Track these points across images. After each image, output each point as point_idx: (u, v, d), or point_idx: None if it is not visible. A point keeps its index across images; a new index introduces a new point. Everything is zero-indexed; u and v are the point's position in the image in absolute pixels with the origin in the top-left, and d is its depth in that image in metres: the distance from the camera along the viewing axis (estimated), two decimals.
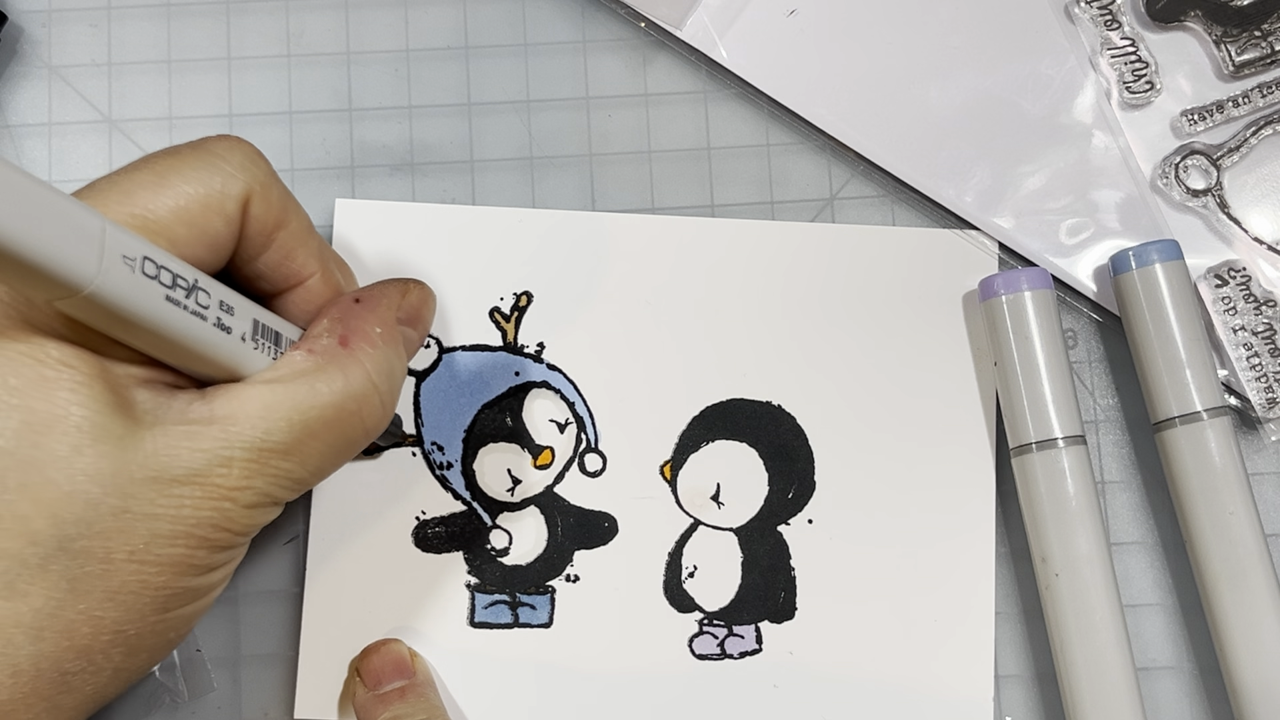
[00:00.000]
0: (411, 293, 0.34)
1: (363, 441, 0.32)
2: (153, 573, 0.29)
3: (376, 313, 0.33)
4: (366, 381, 0.31)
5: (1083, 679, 0.39)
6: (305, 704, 0.41)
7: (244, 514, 0.30)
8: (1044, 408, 0.40)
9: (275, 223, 0.32)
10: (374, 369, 0.31)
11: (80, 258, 0.26)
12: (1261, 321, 0.42)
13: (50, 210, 0.26)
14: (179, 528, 0.29)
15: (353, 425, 0.31)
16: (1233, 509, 0.39)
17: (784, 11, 0.43)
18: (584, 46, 0.44)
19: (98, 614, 0.29)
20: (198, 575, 0.30)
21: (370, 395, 0.31)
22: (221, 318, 0.30)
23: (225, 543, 0.30)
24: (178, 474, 0.29)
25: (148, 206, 0.30)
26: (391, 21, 0.44)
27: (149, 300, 0.28)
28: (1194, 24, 0.43)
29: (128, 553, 0.29)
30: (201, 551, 0.30)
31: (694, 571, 0.42)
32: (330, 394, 0.31)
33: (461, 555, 0.42)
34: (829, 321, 0.43)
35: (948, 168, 0.43)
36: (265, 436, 0.30)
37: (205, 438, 0.29)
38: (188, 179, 0.31)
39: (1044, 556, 0.40)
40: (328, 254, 0.34)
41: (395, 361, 0.32)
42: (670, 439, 0.42)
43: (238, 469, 0.29)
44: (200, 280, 0.30)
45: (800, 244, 0.43)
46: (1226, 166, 0.43)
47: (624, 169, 0.44)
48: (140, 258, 0.28)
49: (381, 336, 0.32)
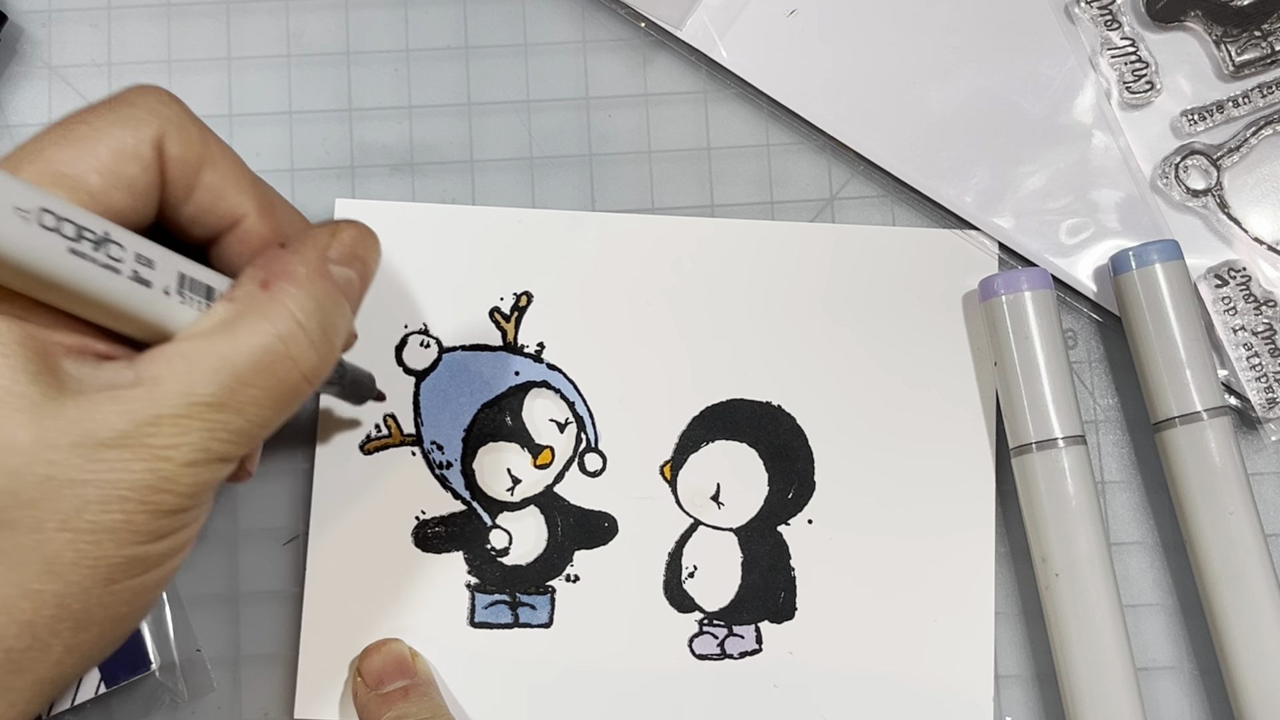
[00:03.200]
0: (344, 231, 0.33)
1: (303, 386, 0.31)
2: (89, 542, 0.28)
3: (301, 254, 0.31)
4: (290, 321, 0.30)
5: (1083, 679, 0.39)
6: (305, 704, 0.41)
7: (184, 473, 0.29)
8: (1044, 408, 0.40)
9: (196, 161, 0.32)
10: (297, 308, 0.30)
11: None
12: (1261, 321, 0.42)
13: None
14: (111, 493, 0.28)
15: (285, 369, 0.30)
16: (1233, 509, 0.39)
17: (784, 11, 0.43)
18: (584, 46, 0.44)
19: (35, 588, 0.28)
20: (143, 543, 0.29)
21: (296, 334, 0.30)
22: (139, 270, 0.29)
23: (169, 505, 0.29)
24: (104, 438, 0.28)
25: (59, 161, 0.30)
26: (391, 21, 0.44)
27: (50, 254, 0.27)
28: (1194, 24, 0.43)
29: (59, 522, 0.28)
30: (141, 516, 0.29)
31: (694, 571, 0.42)
32: (252, 338, 0.29)
33: (461, 555, 0.42)
34: (829, 321, 0.43)
35: (948, 168, 0.43)
36: (191, 390, 0.29)
37: (130, 399, 0.28)
38: (96, 129, 0.30)
39: (1044, 556, 0.40)
40: (268, 196, 0.33)
41: (324, 300, 0.31)
42: (670, 439, 0.42)
43: (167, 426, 0.28)
44: (113, 233, 0.29)
45: (800, 244, 0.43)
46: (1226, 166, 0.43)
47: (624, 169, 0.44)
48: (37, 209, 0.27)
49: (306, 276, 0.31)
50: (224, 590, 0.42)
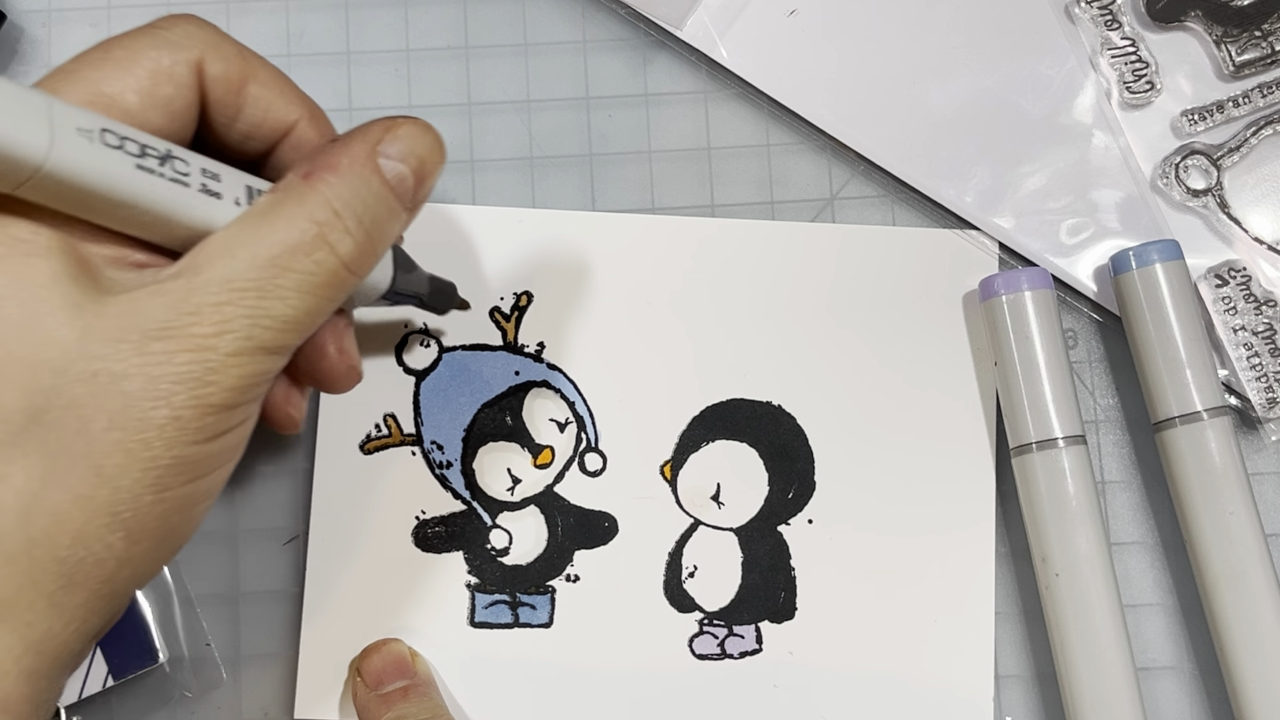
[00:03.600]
0: (400, 126, 0.32)
1: (343, 274, 0.30)
2: (136, 441, 0.28)
3: (347, 146, 0.31)
4: (325, 208, 0.30)
5: (1083, 679, 0.39)
6: (305, 704, 0.41)
7: (229, 363, 0.28)
8: (1044, 408, 0.40)
9: (239, 77, 0.32)
10: (334, 195, 0.30)
11: (28, 135, 0.26)
12: (1261, 321, 0.42)
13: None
14: (157, 386, 0.27)
15: (322, 254, 0.29)
16: (1233, 509, 0.39)
17: (784, 11, 0.43)
18: (584, 46, 0.44)
19: (85, 493, 0.27)
20: (191, 442, 0.28)
21: (332, 221, 0.30)
22: (207, 184, 0.29)
23: (216, 399, 0.28)
24: (147, 329, 0.27)
25: (97, 81, 0.30)
26: (391, 21, 0.44)
27: (118, 171, 0.27)
28: (1194, 24, 0.43)
29: (105, 420, 0.27)
30: (189, 412, 0.28)
31: (694, 571, 0.42)
32: (287, 222, 0.29)
33: (461, 555, 0.42)
34: (829, 321, 0.43)
35: (948, 168, 0.43)
36: (230, 276, 0.28)
37: (170, 290, 0.28)
38: (133, 51, 0.30)
39: (1044, 556, 0.40)
40: (316, 106, 0.34)
41: (365, 191, 0.30)
42: (670, 439, 0.42)
43: (208, 313, 0.28)
44: (174, 150, 0.29)
45: (801, 244, 0.43)
46: (1226, 166, 0.43)
47: (624, 169, 0.44)
48: (98, 129, 0.27)
49: (348, 166, 0.30)
50: (224, 590, 0.42)
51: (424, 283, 0.38)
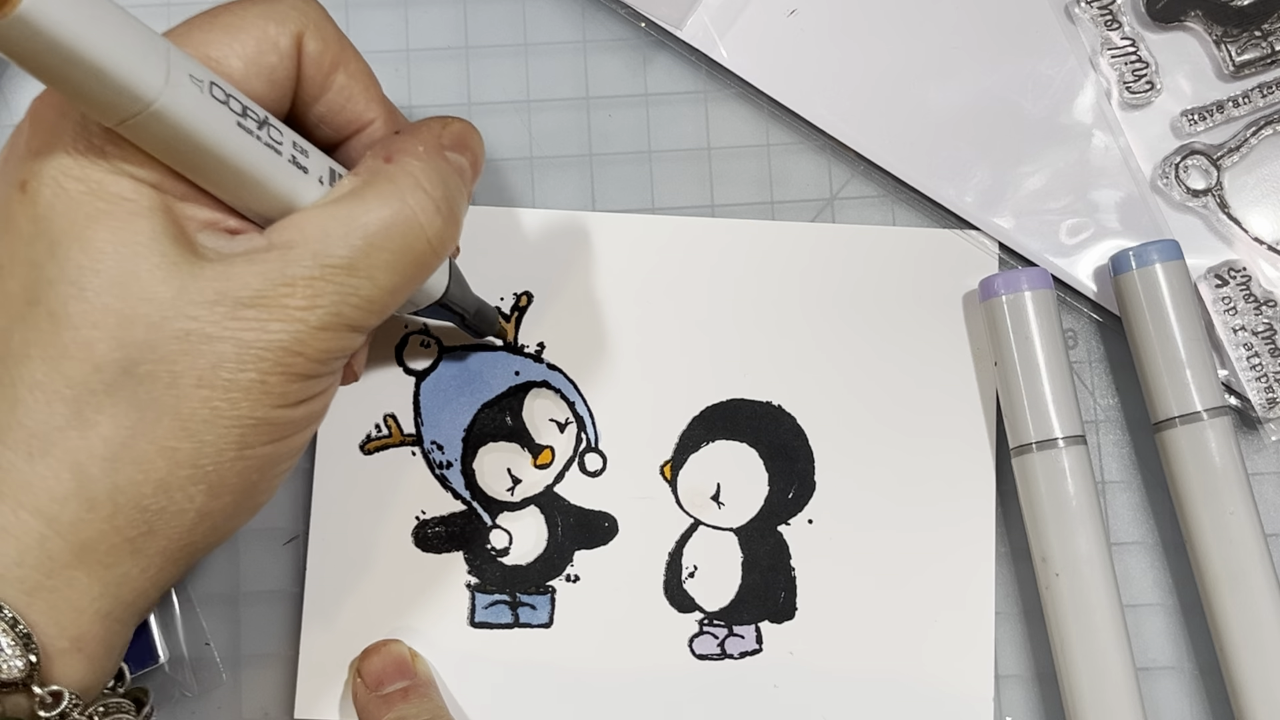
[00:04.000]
0: (453, 123, 0.34)
1: (429, 255, 0.31)
2: (224, 400, 0.29)
3: (419, 136, 0.32)
4: (416, 186, 0.31)
5: (1083, 679, 0.39)
6: (305, 704, 0.41)
7: (316, 336, 0.29)
8: (1044, 408, 0.40)
9: (333, 62, 0.32)
10: (422, 175, 0.31)
11: (147, 70, 0.26)
12: (1261, 321, 0.42)
13: (117, 22, 0.26)
14: (247, 351, 0.29)
15: (414, 234, 0.30)
16: (1233, 509, 0.39)
17: (784, 11, 0.43)
18: (584, 46, 0.44)
19: (171, 444, 0.29)
20: (276, 405, 0.30)
21: (423, 200, 0.30)
22: (297, 157, 0.30)
23: (302, 369, 0.30)
24: (242, 296, 0.29)
25: (204, 43, 0.30)
26: (391, 21, 0.44)
27: (220, 123, 0.28)
28: (1194, 24, 0.43)
29: (195, 377, 0.28)
30: (276, 378, 0.29)
31: (694, 571, 0.42)
32: (381, 202, 0.30)
33: (461, 555, 0.42)
34: (829, 321, 0.43)
35: (948, 168, 0.43)
36: (324, 253, 0.29)
37: (265, 261, 0.29)
38: (239, 17, 0.31)
39: (1044, 556, 0.40)
40: (394, 108, 0.34)
41: (446, 174, 0.32)
42: (670, 439, 0.42)
43: (301, 287, 0.29)
44: (271, 119, 0.30)
45: (800, 244, 0.43)
46: (1226, 166, 0.43)
47: (624, 169, 0.44)
48: (208, 81, 0.28)
49: (425, 152, 0.32)
50: (224, 590, 0.42)
51: (473, 303, 0.39)
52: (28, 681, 0.28)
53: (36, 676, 0.29)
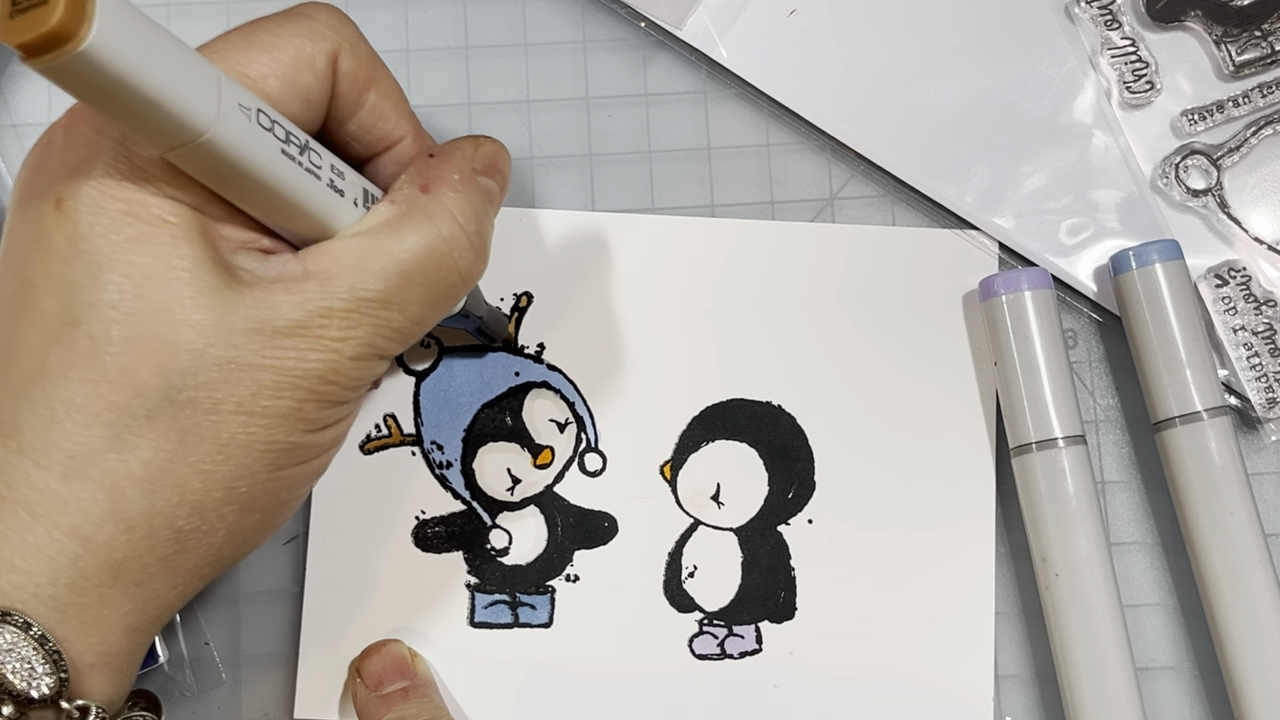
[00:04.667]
0: (484, 145, 0.34)
1: (459, 287, 0.32)
2: (261, 426, 0.29)
3: (452, 162, 0.33)
4: (451, 221, 0.31)
5: (1083, 679, 0.39)
6: (305, 704, 0.41)
7: (350, 365, 0.30)
8: (1044, 408, 0.40)
9: (366, 80, 0.33)
10: (457, 210, 0.31)
11: (200, 102, 0.26)
12: (1261, 321, 0.42)
13: (174, 53, 0.26)
14: (285, 379, 0.29)
15: (446, 268, 0.31)
16: (1233, 509, 0.39)
17: (784, 11, 0.43)
18: (584, 46, 0.44)
19: (208, 468, 0.29)
20: (308, 431, 0.30)
21: (458, 235, 0.31)
22: (334, 180, 0.30)
23: (334, 396, 0.30)
24: (280, 326, 0.29)
25: (242, 63, 0.30)
26: (391, 21, 0.44)
27: (265, 152, 0.28)
28: (1194, 24, 0.43)
29: (235, 404, 0.29)
30: (311, 405, 0.30)
31: (694, 571, 0.42)
32: (418, 237, 0.31)
33: (461, 555, 0.42)
34: (829, 321, 0.43)
35: (948, 168, 0.43)
36: (361, 285, 0.30)
37: (303, 291, 0.29)
38: (277, 35, 0.31)
39: (1044, 556, 0.40)
40: (420, 126, 0.35)
41: (479, 204, 0.32)
42: (670, 439, 0.42)
43: (338, 320, 0.30)
44: (311, 143, 0.30)
45: (800, 244, 0.43)
46: (1226, 166, 0.43)
47: (624, 169, 0.44)
48: (255, 109, 0.28)
49: (460, 182, 0.32)
50: (224, 590, 0.42)
51: (485, 309, 0.39)
52: (56, 698, 0.29)
53: (65, 692, 0.29)
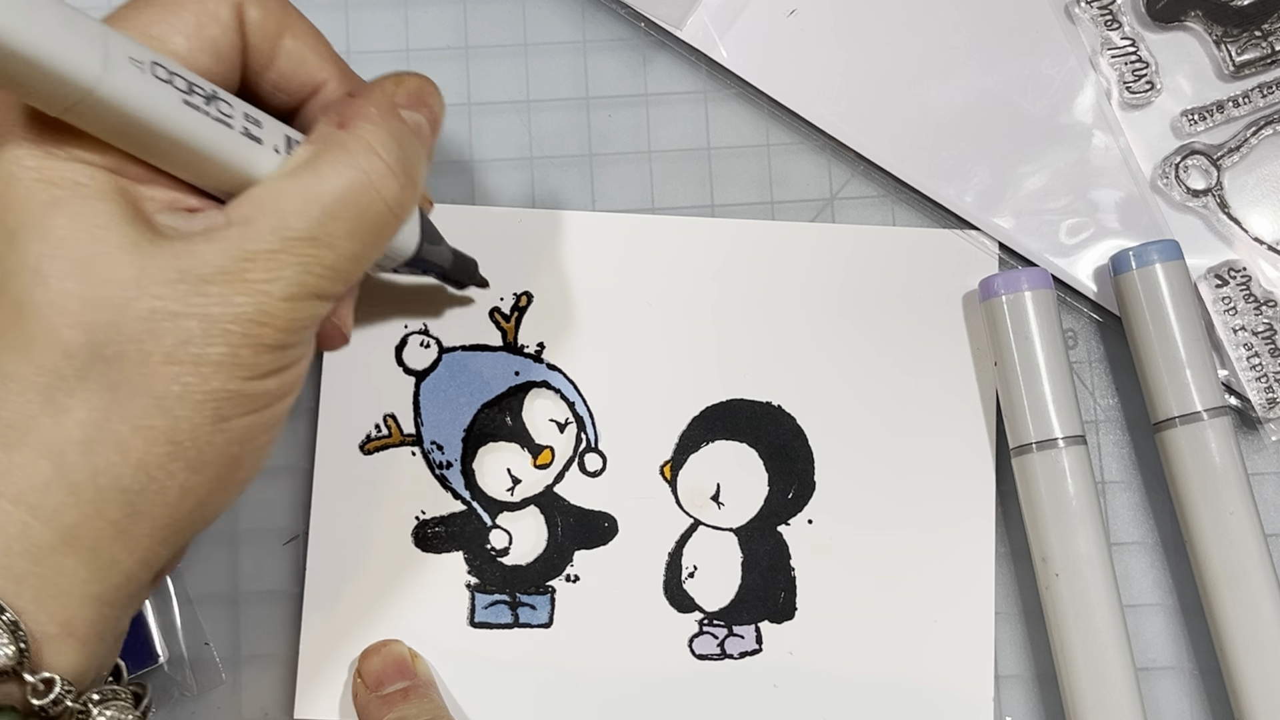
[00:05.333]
0: (407, 80, 0.34)
1: (388, 217, 0.31)
2: (195, 376, 0.29)
3: (370, 97, 0.32)
4: (369, 151, 0.31)
5: (1083, 679, 0.39)
6: (305, 704, 0.41)
7: (282, 307, 0.30)
8: (1044, 408, 0.40)
9: (276, 26, 0.32)
10: (374, 139, 0.31)
11: (83, 57, 0.26)
12: (1261, 321, 0.42)
13: (51, 14, 0.26)
14: (213, 326, 0.29)
15: (369, 199, 0.31)
16: (1233, 509, 0.39)
17: (784, 11, 0.43)
18: (584, 46, 0.44)
19: (146, 423, 0.29)
20: (249, 379, 0.30)
21: (376, 164, 0.31)
22: (249, 128, 0.30)
23: (270, 339, 0.30)
24: (204, 273, 0.29)
25: (144, 23, 0.30)
26: (391, 21, 0.44)
27: (165, 103, 0.28)
28: (1194, 24, 0.43)
29: (163, 355, 0.29)
30: (245, 350, 0.29)
31: (694, 571, 0.42)
32: (335, 170, 0.30)
33: (461, 555, 0.42)
34: (829, 321, 0.43)
35: (948, 168, 0.43)
36: (283, 225, 0.29)
37: (225, 238, 0.29)
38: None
39: (1044, 556, 0.40)
40: (345, 66, 0.34)
41: (401, 135, 0.32)
42: (670, 439, 0.42)
43: (263, 261, 0.29)
44: (219, 92, 0.30)
45: (800, 244, 0.43)
46: (1227, 166, 0.43)
47: (624, 169, 0.44)
48: (149, 62, 0.28)
49: (379, 115, 0.31)
50: (224, 590, 0.42)
51: (448, 256, 0.39)
52: (18, 669, 0.28)
53: (27, 664, 0.29)
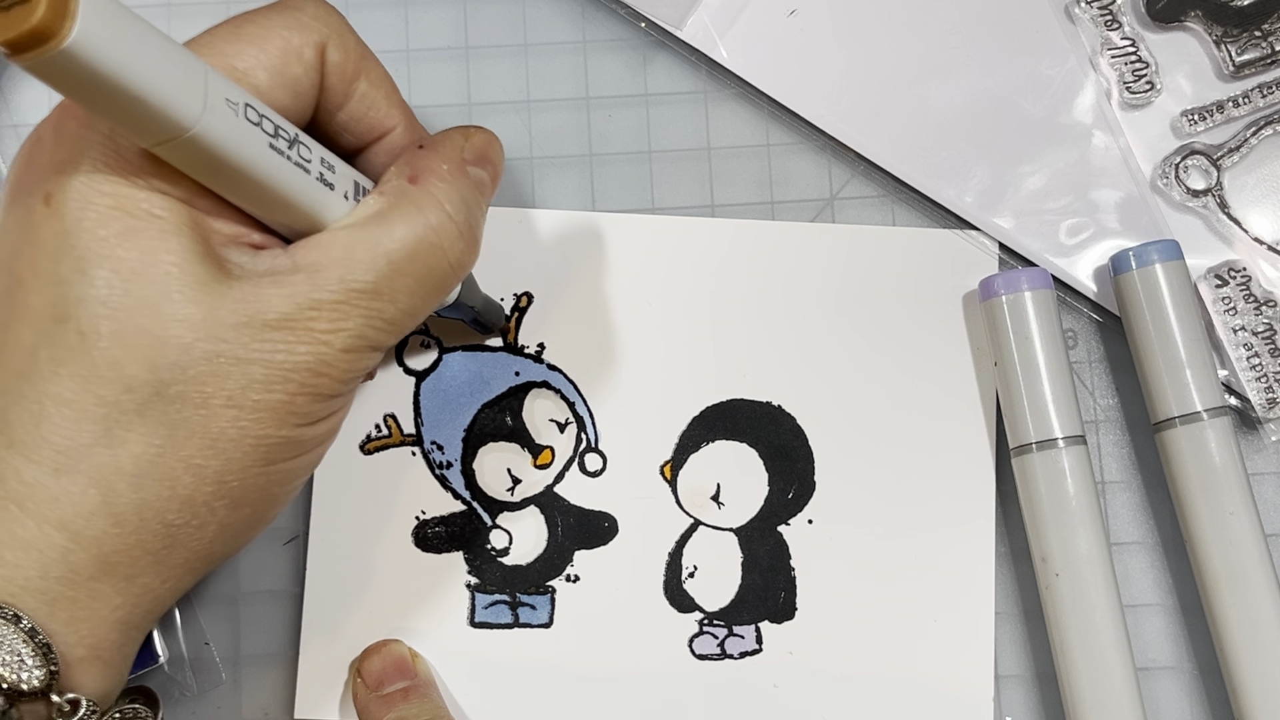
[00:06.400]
0: (475, 135, 0.34)
1: (449, 277, 0.32)
2: (251, 420, 0.29)
3: (441, 152, 0.33)
4: (439, 210, 0.31)
5: (1083, 679, 0.39)
6: (305, 704, 0.41)
7: (341, 358, 0.30)
8: (1044, 408, 0.40)
9: (354, 70, 0.33)
10: (445, 199, 0.31)
11: (186, 97, 0.26)
12: (1261, 321, 0.42)
13: (159, 49, 0.26)
14: (275, 373, 0.29)
15: (435, 258, 0.31)
16: (1233, 509, 0.39)
17: (784, 11, 0.43)
18: (584, 46, 0.44)
19: (198, 462, 0.29)
20: (300, 425, 0.30)
21: (446, 225, 0.31)
22: (324, 174, 0.30)
23: (326, 389, 0.30)
24: (269, 319, 0.29)
25: (231, 55, 0.30)
26: (391, 21, 0.44)
27: (253, 146, 0.28)
28: (1194, 24, 0.43)
29: (225, 398, 0.29)
30: (302, 399, 0.30)
31: (694, 571, 0.42)
32: (406, 227, 0.30)
33: (461, 555, 0.42)
34: (829, 322, 0.43)
35: (948, 168, 0.43)
36: (350, 277, 0.30)
37: (292, 284, 0.29)
38: (264, 28, 0.31)
39: (1044, 556, 0.40)
40: (412, 115, 0.35)
41: (468, 194, 0.32)
42: (670, 439, 0.42)
43: (327, 311, 0.29)
44: (300, 136, 0.30)
45: (800, 244, 0.43)
46: (1226, 166, 0.43)
47: (624, 169, 0.44)
48: (243, 104, 0.28)
49: (449, 172, 0.32)
50: (224, 590, 0.42)
51: (480, 299, 0.39)
52: (46, 690, 0.29)
53: (55, 685, 0.29)
